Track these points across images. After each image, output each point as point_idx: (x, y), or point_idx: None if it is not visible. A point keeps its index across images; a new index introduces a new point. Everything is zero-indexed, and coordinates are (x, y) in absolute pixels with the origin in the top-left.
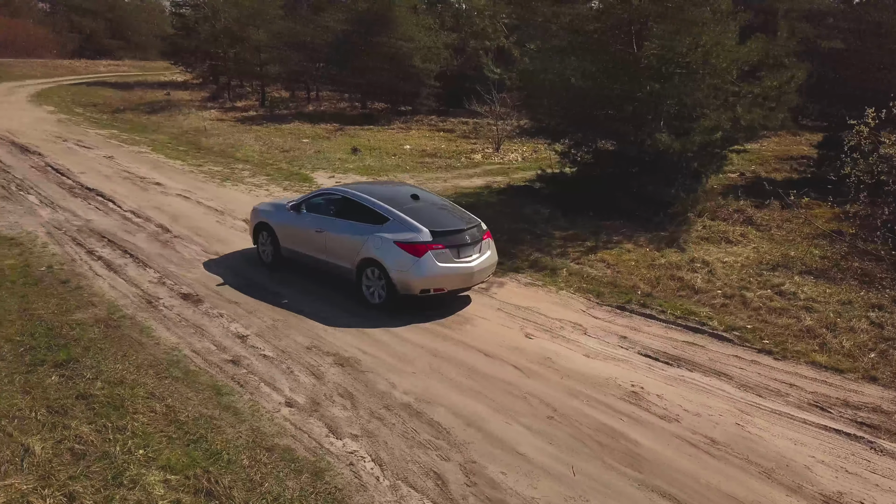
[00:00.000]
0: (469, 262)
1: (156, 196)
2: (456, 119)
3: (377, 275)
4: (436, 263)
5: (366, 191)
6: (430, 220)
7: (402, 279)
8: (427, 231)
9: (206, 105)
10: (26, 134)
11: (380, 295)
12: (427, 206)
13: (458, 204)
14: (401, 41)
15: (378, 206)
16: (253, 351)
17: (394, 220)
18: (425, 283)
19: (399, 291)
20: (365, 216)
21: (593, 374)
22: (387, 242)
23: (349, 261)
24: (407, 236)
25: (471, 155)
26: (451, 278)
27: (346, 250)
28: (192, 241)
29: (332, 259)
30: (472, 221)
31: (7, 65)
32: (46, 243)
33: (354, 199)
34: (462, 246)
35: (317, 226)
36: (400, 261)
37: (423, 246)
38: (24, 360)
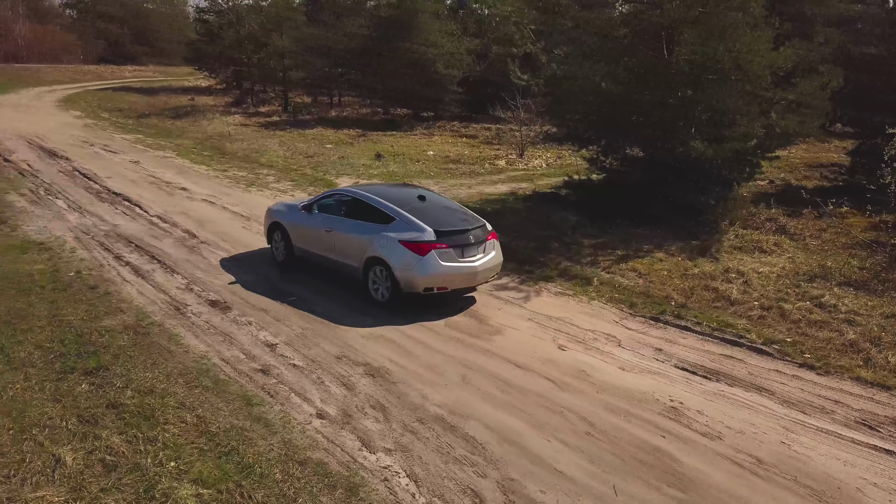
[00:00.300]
0: (473, 261)
1: (182, 201)
2: (478, 125)
3: (383, 273)
4: (439, 262)
5: (374, 191)
6: (435, 220)
7: (406, 277)
8: (431, 230)
9: (230, 110)
10: (54, 138)
11: (384, 293)
12: (433, 207)
13: (483, 211)
14: (424, 47)
15: (384, 206)
16: (282, 360)
17: (399, 219)
18: (429, 282)
19: (403, 289)
20: (372, 216)
21: (630, 388)
22: (392, 241)
23: (356, 259)
24: (411, 235)
25: (494, 161)
26: (454, 277)
27: (354, 249)
28: (218, 247)
29: (341, 258)
30: (477, 222)
31: (35, 70)
32: (75, 248)
33: (362, 200)
34: (466, 246)
35: (327, 225)
36: (404, 259)
37: (427, 245)
38: (54, 367)
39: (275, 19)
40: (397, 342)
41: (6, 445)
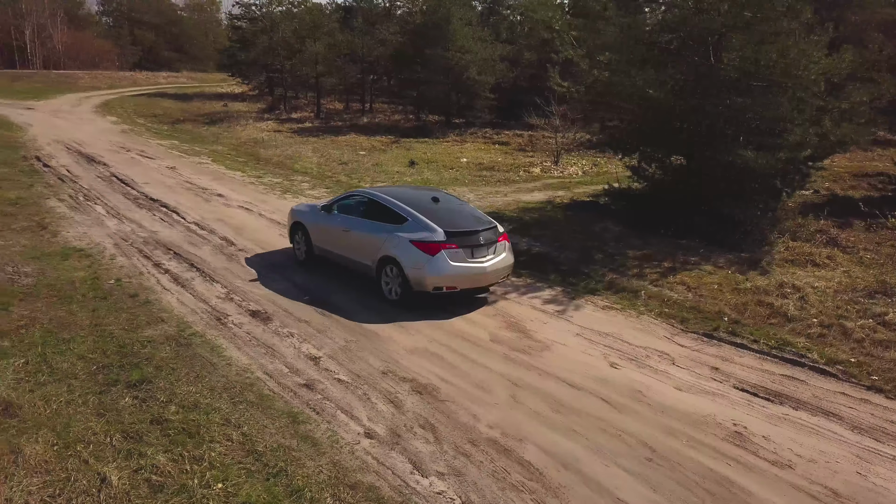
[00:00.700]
0: (482, 262)
1: (218, 208)
2: (510, 131)
3: (394, 272)
4: (448, 262)
5: (389, 193)
6: (446, 221)
7: (417, 276)
8: (441, 231)
9: (263, 116)
10: (92, 144)
11: (396, 291)
12: (445, 208)
13: (521, 220)
14: (458, 53)
15: (398, 207)
16: (327, 374)
17: (412, 220)
18: (438, 281)
19: (414, 288)
20: (386, 217)
21: (689, 411)
22: (403, 241)
23: (370, 258)
24: (422, 235)
25: (529, 168)
26: (463, 277)
27: (369, 248)
28: (256, 255)
29: (356, 257)
30: (489, 224)
31: (73, 76)
32: (114, 255)
33: (378, 201)
34: (476, 247)
35: (344, 225)
36: (415, 259)
37: (437, 245)
38: (97, 378)
39: (308, 26)
40: (443, 357)
41: (52, 462)
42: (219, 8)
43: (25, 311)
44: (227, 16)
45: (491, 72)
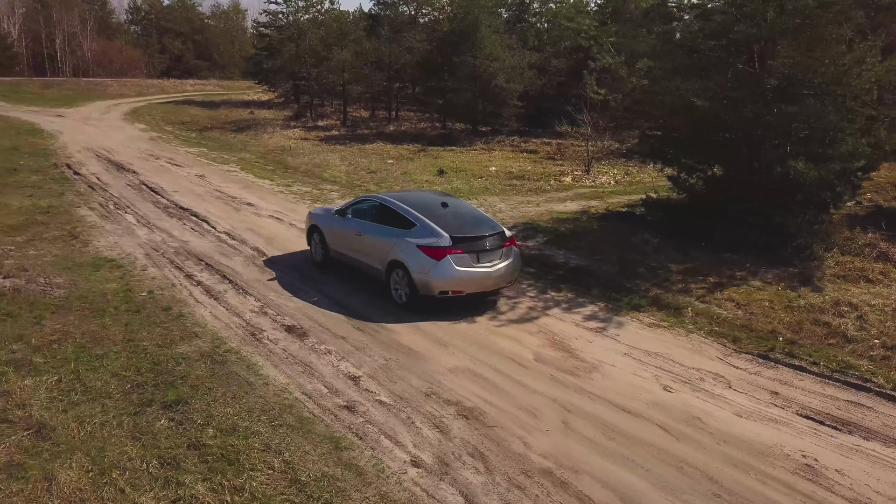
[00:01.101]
0: (488, 267)
1: (249, 217)
2: (538, 140)
3: (402, 276)
4: (454, 267)
5: (400, 198)
6: (453, 227)
7: (423, 280)
8: (447, 236)
9: (290, 124)
10: (121, 151)
11: (404, 295)
12: (453, 214)
13: (556, 231)
14: (486, 61)
15: (407, 212)
16: (368, 396)
17: (420, 225)
18: (443, 285)
19: (420, 292)
20: (396, 221)
21: (753, 440)
22: (411, 246)
23: (380, 262)
24: (429, 241)
25: (560, 177)
26: (468, 282)
27: (379, 252)
28: (289, 267)
29: (367, 260)
30: (495, 229)
31: (103, 84)
32: (146, 266)
33: (388, 206)
34: (482, 252)
35: (357, 229)
36: (421, 263)
37: (443, 250)
38: (131, 398)
39: (336, 33)
40: (487, 378)
41: (87, 491)
42: (244, 16)
43: (58, 324)
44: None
45: (519, 80)
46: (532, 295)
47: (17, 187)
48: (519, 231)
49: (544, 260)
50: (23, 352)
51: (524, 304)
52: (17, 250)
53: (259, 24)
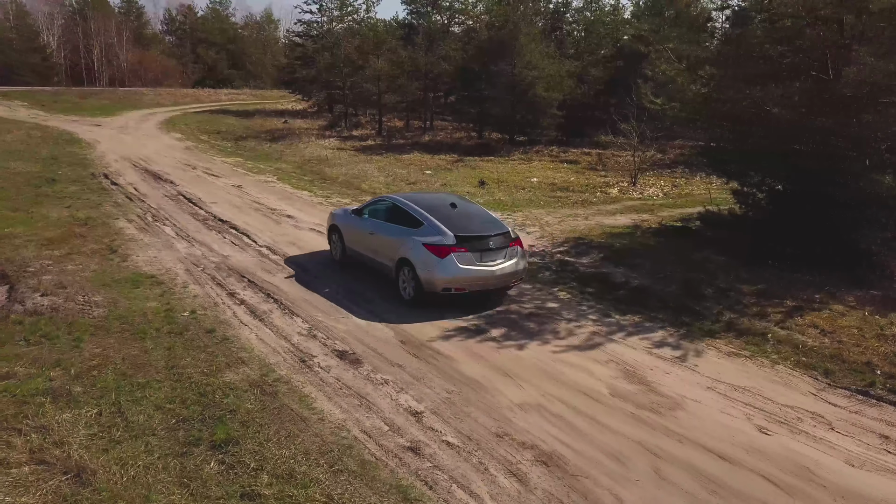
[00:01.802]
0: (491, 266)
1: (289, 230)
2: (577, 149)
3: (409, 273)
4: (457, 265)
5: (411, 199)
6: (459, 226)
7: (427, 277)
8: (452, 235)
9: (324, 134)
10: (158, 161)
11: (410, 292)
12: (461, 214)
13: (611, 247)
14: (525, 69)
15: (416, 212)
16: (433, 435)
17: (427, 224)
18: (446, 283)
19: (425, 288)
20: (406, 221)
21: (875, 496)
22: (417, 244)
23: (390, 260)
24: (434, 239)
25: (606, 189)
26: (471, 280)
27: (389, 250)
28: (335, 284)
29: (379, 258)
30: (500, 229)
31: (139, 93)
32: (186, 283)
33: (399, 205)
34: (485, 251)
35: (371, 228)
36: (426, 260)
37: (447, 248)
38: (177, 435)
39: (372, 42)
40: (561, 415)
41: None
42: (277, 26)
43: (97, 347)
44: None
45: (558, 88)
46: (594, 318)
47: (55, 198)
48: (571, 247)
49: (603, 278)
50: (61, 380)
51: (587, 327)
52: (55, 265)
53: (294, 33)
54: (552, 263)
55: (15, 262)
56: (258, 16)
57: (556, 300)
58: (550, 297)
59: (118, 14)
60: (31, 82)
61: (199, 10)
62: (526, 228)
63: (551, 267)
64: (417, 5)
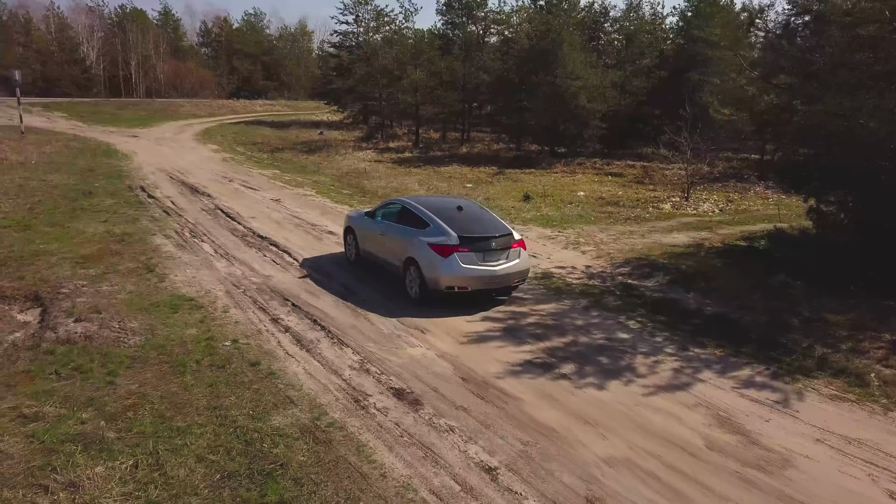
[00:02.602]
0: (493, 266)
1: (332, 248)
2: (621, 162)
3: (415, 272)
4: (459, 264)
5: (420, 202)
6: (463, 227)
7: (431, 276)
8: (455, 236)
9: (360, 145)
10: (194, 173)
11: (416, 291)
12: (466, 216)
13: (678, 268)
14: (567, 80)
15: (423, 214)
16: (512, 499)
17: (433, 225)
18: (449, 281)
19: (429, 287)
20: (414, 222)
21: None
22: (423, 244)
23: (398, 259)
24: (438, 239)
25: (657, 204)
26: (473, 279)
27: (398, 250)
28: (384, 309)
29: (389, 258)
30: (504, 231)
31: (175, 105)
32: (227, 307)
33: (408, 208)
34: (488, 251)
35: (382, 230)
36: (430, 260)
37: (450, 248)
38: (222, 496)
39: (410, 52)
40: (656, 474)
41: None
42: (310, 38)
43: (133, 383)
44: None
45: (602, 99)
46: (671, 352)
47: (92, 211)
48: (633, 268)
49: (673, 305)
50: (93, 422)
51: (666, 363)
52: (90, 285)
53: (331, 44)
54: (615, 287)
55: (49, 283)
56: (292, 27)
57: (626, 330)
58: (619, 326)
59: (156, 26)
60: (72, 94)
61: (234, 22)
62: (580, 247)
63: (615, 291)
64: (453, 16)
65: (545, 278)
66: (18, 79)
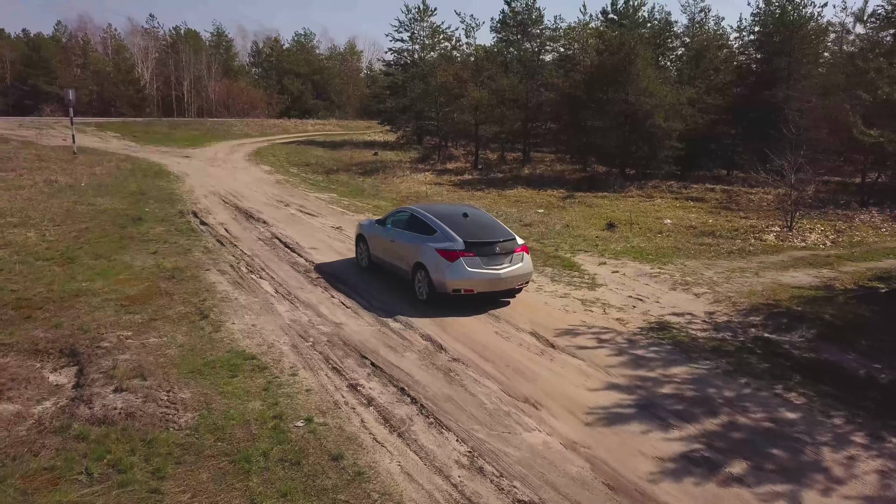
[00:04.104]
0: (497, 269)
1: (406, 288)
2: (698, 185)
3: (423, 276)
4: (465, 268)
5: (427, 209)
6: (468, 233)
7: (439, 279)
8: (461, 241)
9: (417, 167)
10: (248, 196)
11: (425, 293)
12: (471, 223)
13: (819, 317)
14: (641, 97)
15: (431, 221)
16: None
17: (440, 231)
18: (456, 284)
19: (437, 290)
20: (422, 229)
21: None
22: (431, 249)
23: (407, 264)
24: (445, 245)
25: (758, 234)
26: (478, 282)
27: (407, 255)
28: (480, 372)
29: (398, 262)
30: (507, 237)
31: (227, 124)
32: (295, 367)
33: (417, 216)
34: (492, 255)
35: (392, 237)
36: (438, 264)
37: (456, 253)
38: None
39: (472, 69)
40: None
41: None
42: (359, 57)
43: (184, 491)
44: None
45: (679, 118)
46: (863, 442)
47: (141, 241)
48: (765, 317)
49: (834, 370)
50: None
51: (864, 461)
52: (135, 336)
53: (383, 62)
54: (751, 343)
55: (88, 332)
56: (342, 47)
57: (790, 406)
58: (778, 400)
59: (208, 47)
60: (126, 113)
61: (284, 42)
62: (691, 288)
63: (754, 349)
64: (507, 33)
65: (663, 329)
66: (72, 98)
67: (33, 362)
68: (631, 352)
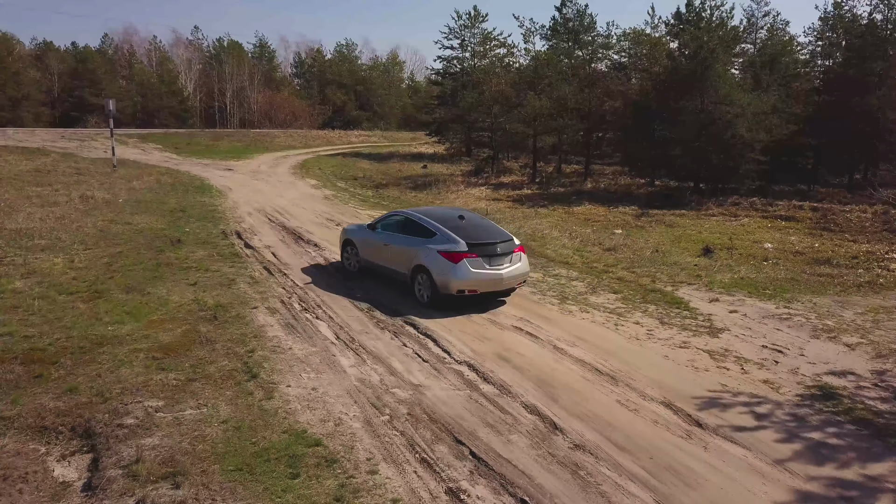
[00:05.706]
0: (499, 269)
1: (486, 329)
2: (783, 201)
3: (425, 279)
4: (469, 269)
5: (423, 212)
6: (469, 235)
7: (442, 281)
8: (463, 243)
9: (470, 181)
10: (296, 214)
11: (427, 295)
12: (469, 225)
13: None
14: (720, 105)
15: (429, 224)
16: None
17: (440, 234)
18: (460, 285)
19: (440, 291)
20: (419, 232)
21: None
22: (432, 252)
23: (406, 268)
24: (447, 247)
25: (884, 263)
26: (481, 282)
27: (404, 259)
28: (618, 469)
29: (394, 266)
30: (505, 237)
31: (270, 135)
32: (373, 459)
33: (412, 219)
34: (493, 256)
35: (385, 240)
36: (441, 266)
37: (459, 254)
38: None
39: (530, 76)
40: None
41: None
42: (402, 68)
43: None
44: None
45: (763, 128)
46: None
47: (179, 268)
48: None
49: None
50: None
51: None
52: (167, 408)
53: (435, 71)
54: None
55: (109, 400)
56: (383, 57)
57: None
58: None
59: (251, 58)
60: (169, 125)
61: (327, 53)
62: (839, 336)
63: None
64: (558, 40)
65: (829, 399)
66: (112, 108)
67: (37, 445)
68: (804, 435)
